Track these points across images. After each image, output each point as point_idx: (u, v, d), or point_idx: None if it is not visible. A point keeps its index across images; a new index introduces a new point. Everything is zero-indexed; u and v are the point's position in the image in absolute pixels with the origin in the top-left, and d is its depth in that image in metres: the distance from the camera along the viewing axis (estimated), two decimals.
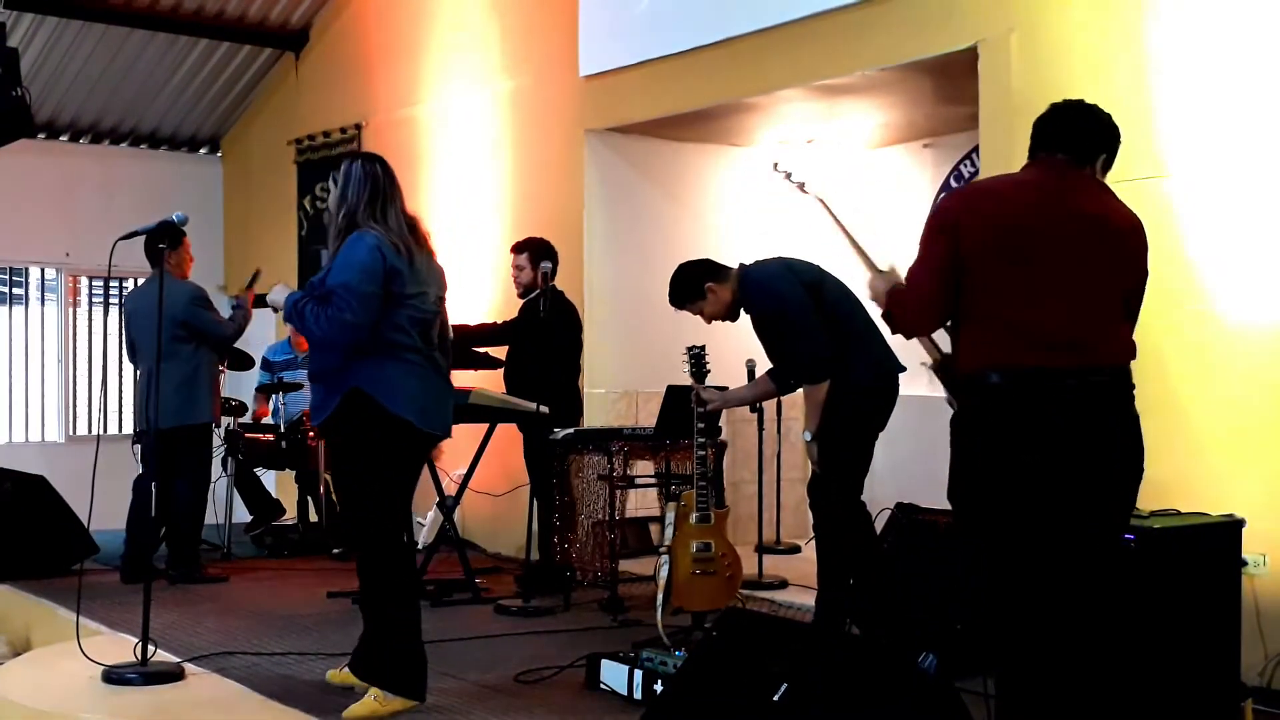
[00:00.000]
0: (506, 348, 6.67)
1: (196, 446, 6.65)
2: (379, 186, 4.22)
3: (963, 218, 3.23)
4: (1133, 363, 3.24)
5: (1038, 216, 3.19)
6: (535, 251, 6.45)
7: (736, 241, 7.92)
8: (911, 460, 7.15)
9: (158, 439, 6.23)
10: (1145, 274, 3.30)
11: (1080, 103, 3.35)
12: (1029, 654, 3.23)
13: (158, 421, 6.26)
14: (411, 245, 4.23)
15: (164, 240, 6.36)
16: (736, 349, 6.78)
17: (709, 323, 5.29)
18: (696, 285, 5.17)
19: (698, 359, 5.23)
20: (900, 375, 5.02)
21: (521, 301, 6.60)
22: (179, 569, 6.64)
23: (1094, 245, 3.18)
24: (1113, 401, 3.19)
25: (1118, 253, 3.23)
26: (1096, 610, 3.21)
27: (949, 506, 5.07)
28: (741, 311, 5.19)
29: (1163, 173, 4.59)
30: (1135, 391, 3.24)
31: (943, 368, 3.58)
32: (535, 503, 6.18)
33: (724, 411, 6.54)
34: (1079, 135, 3.29)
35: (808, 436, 4.91)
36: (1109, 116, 3.33)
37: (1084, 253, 3.16)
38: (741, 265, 5.15)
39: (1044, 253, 3.16)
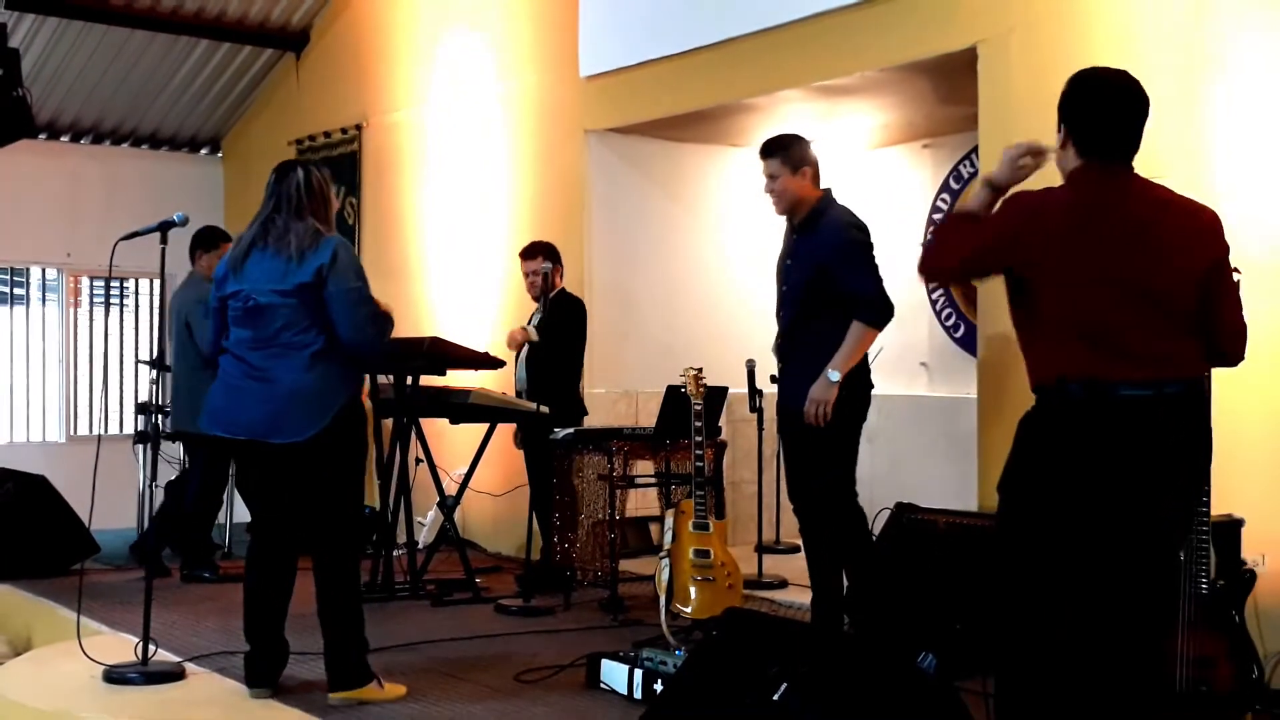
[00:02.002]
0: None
1: (200, 451, 6.80)
2: (265, 196, 4.43)
3: (1037, 222, 3.21)
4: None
5: (1105, 228, 3.16)
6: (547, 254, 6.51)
7: (737, 241, 7.94)
8: (911, 460, 7.18)
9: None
10: (1214, 267, 3.22)
11: (1119, 87, 3.25)
12: (1033, 655, 3.24)
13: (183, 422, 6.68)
14: (249, 244, 4.35)
15: (201, 244, 6.88)
16: (737, 349, 6.80)
17: (768, 192, 4.94)
18: (802, 155, 4.91)
19: (696, 379, 5.25)
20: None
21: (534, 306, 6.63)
22: (186, 567, 6.75)
23: (1156, 251, 3.15)
24: (1187, 416, 3.19)
25: (1180, 250, 3.18)
26: (1131, 621, 3.22)
27: (950, 506, 5.09)
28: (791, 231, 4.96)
29: (1162, 173, 4.57)
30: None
31: None
32: (535, 502, 6.20)
33: (724, 410, 6.55)
34: (1133, 123, 3.23)
35: (836, 376, 4.65)
36: (1139, 86, 3.26)
37: (1150, 260, 3.14)
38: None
39: (1114, 265, 3.14)
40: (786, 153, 4.89)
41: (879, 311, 4.72)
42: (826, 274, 4.73)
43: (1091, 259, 3.16)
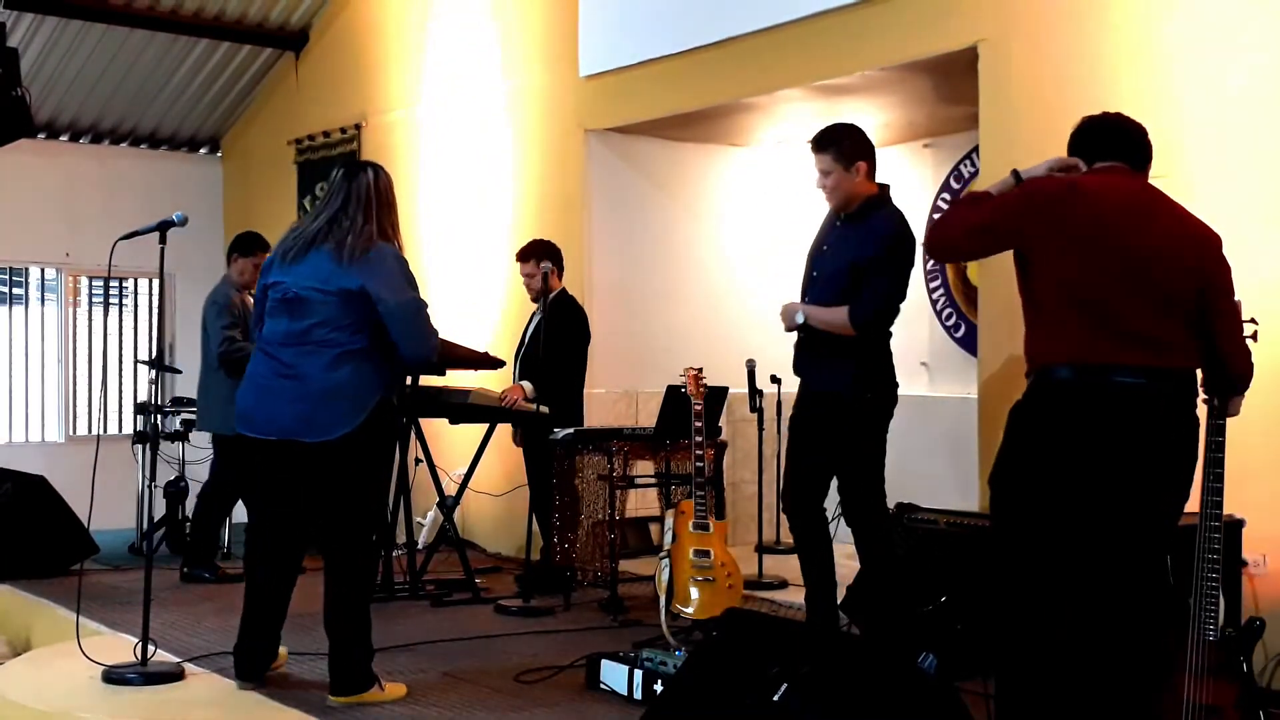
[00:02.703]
0: (516, 349, 6.70)
1: (216, 452, 6.84)
2: (330, 191, 4.43)
3: (1047, 205, 3.31)
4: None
5: (1110, 215, 3.26)
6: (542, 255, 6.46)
7: (737, 241, 7.94)
8: (911, 460, 7.17)
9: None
10: (1216, 280, 3.34)
11: (1121, 116, 3.53)
12: (1033, 653, 3.24)
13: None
14: (310, 238, 4.32)
15: (238, 249, 6.79)
16: (737, 349, 6.80)
17: (820, 186, 4.72)
18: (856, 149, 4.65)
19: (696, 379, 5.26)
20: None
21: (535, 307, 6.61)
22: (187, 567, 6.76)
23: (1157, 243, 3.25)
24: (1176, 409, 3.23)
25: (1180, 249, 3.29)
26: (1116, 616, 3.22)
27: (951, 506, 5.08)
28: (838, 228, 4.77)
29: (1163, 172, 4.57)
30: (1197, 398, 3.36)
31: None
32: (535, 503, 6.19)
33: (724, 411, 6.54)
34: (1136, 145, 3.46)
35: (801, 319, 4.66)
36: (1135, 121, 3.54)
37: (1150, 250, 3.24)
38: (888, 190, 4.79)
39: (1115, 249, 3.22)
40: (839, 147, 4.66)
41: (869, 320, 4.61)
42: (857, 270, 4.62)
43: (1093, 241, 3.23)
